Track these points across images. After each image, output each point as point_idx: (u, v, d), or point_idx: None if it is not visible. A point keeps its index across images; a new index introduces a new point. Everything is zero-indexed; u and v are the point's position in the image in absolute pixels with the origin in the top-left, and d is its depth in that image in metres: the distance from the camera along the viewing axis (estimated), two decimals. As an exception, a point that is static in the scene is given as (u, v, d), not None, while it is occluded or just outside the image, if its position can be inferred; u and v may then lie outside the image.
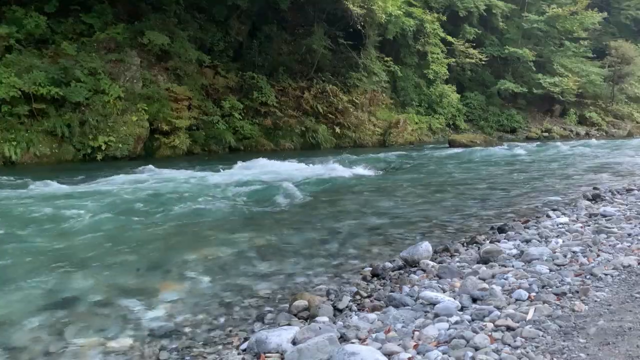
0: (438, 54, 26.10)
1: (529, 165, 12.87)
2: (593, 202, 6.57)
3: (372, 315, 3.09)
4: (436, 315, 2.94)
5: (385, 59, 23.60)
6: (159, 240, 5.27)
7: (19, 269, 4.24)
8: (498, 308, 2.90)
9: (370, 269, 4.19)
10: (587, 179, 9.64)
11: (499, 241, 4.73)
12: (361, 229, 5.74)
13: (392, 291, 3.57)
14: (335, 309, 3.33)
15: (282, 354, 2.62)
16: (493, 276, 3.57)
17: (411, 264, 4.23)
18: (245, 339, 2.95)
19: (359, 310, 3.32)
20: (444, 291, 3.41)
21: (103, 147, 13.21)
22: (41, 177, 9.27)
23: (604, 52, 32.30)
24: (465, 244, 4.88)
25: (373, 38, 21.91)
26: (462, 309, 3.00)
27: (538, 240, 4.58)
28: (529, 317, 2.71)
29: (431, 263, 4.12)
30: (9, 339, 3.03)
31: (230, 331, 3.13)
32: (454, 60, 26.69)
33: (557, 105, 30.82)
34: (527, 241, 4.58)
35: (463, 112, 27.23)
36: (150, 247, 5.01)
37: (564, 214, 5.87)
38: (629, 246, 4.10)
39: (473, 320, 2.80)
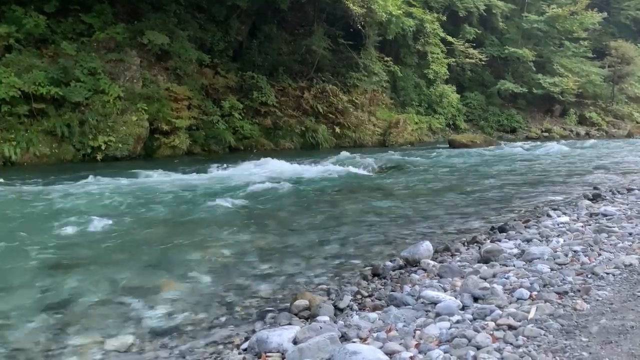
0: (438, 54, 26.08)
1: (529, 165, 12.86)
2: (594, 201, 6.56)
3: (373, 315, 3.08)
4: (437, 315, 2.93)
5: (385, 59, 23.58)
6: (160, 239, 5.26)
7: (18, 269, 4.23)
8: (499, 307, 2.89)
9: (371, 268, 4.19)
10: (587, 179, 9.63)
11: (499, 240, 4.72)
12: (362, 229, 5.73)
13: (393, 290, 3.56)
14: (336, 308, 3.32)
15: (283, 354, 2.61)
16: (494, 275, 3.56)
17: (412, 264, 4.23)
18: (246, 339, 2.94)
19: (360, 309, 3.31)
20: (445, 290, 3.41)
21: (103, 147, 13.19)
22: (41, 177, 9.27)
23: (603, 52, 32.27)
24: (466, 244, 4.87)
25: (373, 38, 21.89)
26: (463, 308, 2.99)
27: (539, 240, 4.57)
28: (531, 316, 2.70)
29: (432, 262, 4.12)
30: (9, 339, 3.02)
31: (231, 330, 3.13)
32: (453, 60, 26.68)
33: (557, 106, 30.81)
34: (528, 240, 4.57)
35: (463, 112, 27.22)
36: (150, 246, 5.00)
37: (564, 213, 5.86)
38: (630, 245, 4.10)
39: (474, 319, 2.79)
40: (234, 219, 6.24)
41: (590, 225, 5.03)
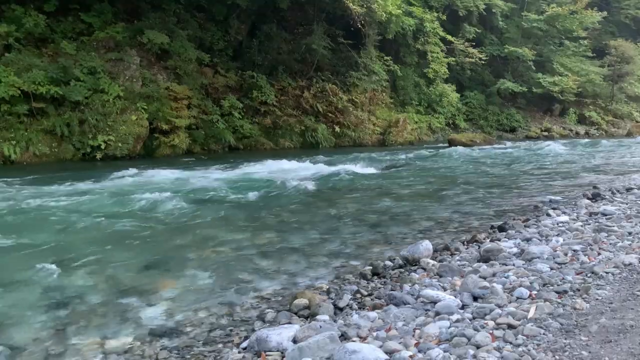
0: (438, 53, 26.03)
1: (528, 164, 12.86)
2: (593, 200, 6.57)
3: (373, 314, 3.08)
4: (437, 314, 2.93)
5: (385, 58, 23.55)
6: (159, 239, 5.26)
7: (18, 269, 4.23)
8: (499, 306, 2.90)
9: (371, 267, 4.19)
10: (586, 178, 9.63)
11: (499, 240, 4.72)
12: (361, 228, 5.74)
13: (392, 290, 3.56)
14: (336, 307, 3.32)
15: (282, 352, 2.61)
16: (494, 275, 3.56)
17: (412, 263, 4.23)
18: (246, 338, 2.94)
19: (359, 308, 3.32)
20: (445, 290, 3.41)
21: (102, 147, 13.18)
22: (40, 177, 9.27)
23: (603, 51, 32.25)
24: (465, 243, 4.88)
25: (373, 37, 21.85)
26: (463, 307, 3.00)
27: (538, 239, 4.57)
28: (530, 315, 2.70)
29: (432, 262, 4.12)
30: (9, 338, 3.02)
31: (231, 330, 3.13)
32: (453, 59, 26.63)
33: (557, 105, 30.78)
34: (528, 240, 4.57)
35: (463, 111, 27.20)
36: (150, 245, 5.00)
37: (564, 212, 5.87)
38: (629, 244, 4.10)
39: (474, 318, 2.79)
40: (233, 218, 6.24)
41: (589, 224, 5.03)
